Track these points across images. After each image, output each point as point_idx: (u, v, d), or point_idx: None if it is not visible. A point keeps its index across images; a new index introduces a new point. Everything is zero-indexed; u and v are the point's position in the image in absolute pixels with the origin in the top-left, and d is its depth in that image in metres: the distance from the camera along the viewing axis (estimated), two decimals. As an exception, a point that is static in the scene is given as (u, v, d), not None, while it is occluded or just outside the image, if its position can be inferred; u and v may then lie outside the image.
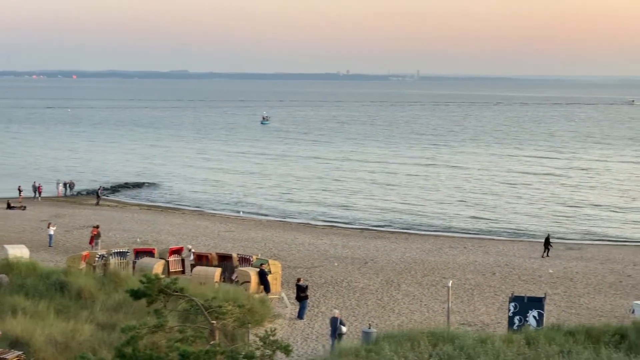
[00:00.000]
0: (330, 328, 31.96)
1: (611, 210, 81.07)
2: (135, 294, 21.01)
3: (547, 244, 56.24)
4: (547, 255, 55.31)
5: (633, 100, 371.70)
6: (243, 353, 19.39)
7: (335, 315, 31.85)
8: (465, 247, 59.19)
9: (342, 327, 31.42)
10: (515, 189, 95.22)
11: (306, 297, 37.45)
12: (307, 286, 38.08)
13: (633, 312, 33.68)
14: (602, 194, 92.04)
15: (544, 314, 31.30)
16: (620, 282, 47.14)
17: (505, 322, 33.13)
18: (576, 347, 21.65)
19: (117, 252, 43.89)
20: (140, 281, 20.93)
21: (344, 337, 30.75)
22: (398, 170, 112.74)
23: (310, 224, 72.58)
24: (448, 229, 70.86)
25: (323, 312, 38.13)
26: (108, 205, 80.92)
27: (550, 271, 49.39)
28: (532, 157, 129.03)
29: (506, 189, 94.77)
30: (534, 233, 68.83)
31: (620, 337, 22.75)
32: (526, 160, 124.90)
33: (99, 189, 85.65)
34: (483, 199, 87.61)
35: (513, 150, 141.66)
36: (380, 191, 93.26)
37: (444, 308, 37.57)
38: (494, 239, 65.62)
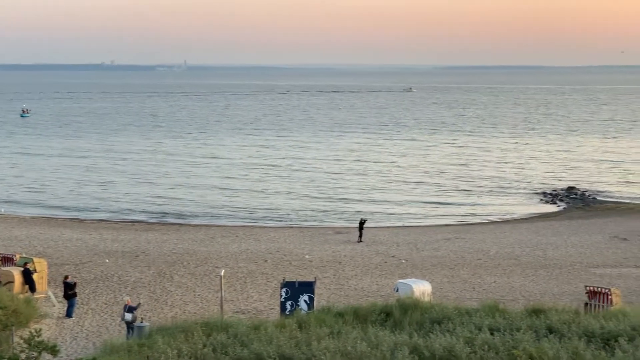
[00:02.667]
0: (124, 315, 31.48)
1: (370, 194, 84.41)
2: None
3: (361, 228, 57.57)
4: (361, 240, 56.60)
5: (411, 88, 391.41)
6: (6, 357, 18.41)
7: (126, 302, 31.30)
8: (237, 236, 59.53)
9: (127, 314, 30.75)
10: (278, 175, 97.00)
11: (75, 295, 36.23)
12: (75, 283, 36.81)
13: (397, 290, 35.21)
14: (363, 179, 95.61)
15: (315, 298, 32.02)
16: (385, 262, 49.17)
17: (277, 308, 33.61)
18: (345, 328, 22.26)
19: None
20: None
21: (138, 325, 29.77)
22: (165, 160, 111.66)
23: (79, 219, 70.28)
24: (218, 218, 71.13)
25: (93, 309, 37.04)
26: None
27: (307, 257, 50.59)
28: (299, 143, 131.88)
29: (271, 177, 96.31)
30: (304, 219, 70.48)
31: (386, 315, 23.64)
32: (289, 147, 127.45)
33: None
34: (251, 186, 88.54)
35: (277, 138, 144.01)
36: (149, 183, 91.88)
37: (217, 297, 37.55)
38: (265, 227, 66.48)
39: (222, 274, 34.50)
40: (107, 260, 48.82)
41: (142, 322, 30.10)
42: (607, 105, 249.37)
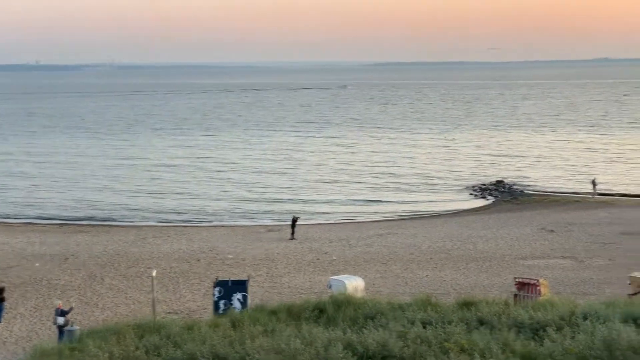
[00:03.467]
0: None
1: (301, 192, 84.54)
2: None
3: (293, 226, 57.44)
4: (294, 238, 56.50)
5: (346, 85, 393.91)
6: None
7: (58, 306, 30.81)
8: (168, 236, 59.03)
9: (59, 318, 30.26)
10: (205, 175, 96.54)
11: (3, 300, 35.52)
12: (3, 288, 36.10)
13: (330, 287, 35.31)
14: (294, 177, 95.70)
15: (248, 296, 31.95)
16: (318, 259, 49.29)
17: (211, 307, 33.44)
18: (279, 325, 22.25)
19: None
20: None
21: (69, 329, 29.25)
22: (92, 162, 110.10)
23: (4, 222, 68.83)
24: (148, 219, 70.43)
25: (22, 314, 36.37)
26: None
27: (230, 256, 50.39)
28: (227, 142, 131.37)
29: (200, 177, 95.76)
30: (236, 218, 70.25)
31: (319, 311, 23.70)
32: (219, 145, 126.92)
33: None
34: (180, 186, 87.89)
35: (204, 138, 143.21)
36: (75, 185, 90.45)
37: (149, 299, 37.19)
38: (197, 226, 66.06)
39: (154, 274, 34.17)
40: (36, 264, 47.96)
41: (72, 325, 29.65)
42: (529, 100, 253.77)
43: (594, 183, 77.81)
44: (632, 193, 79.98)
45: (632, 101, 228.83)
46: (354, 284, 34.98)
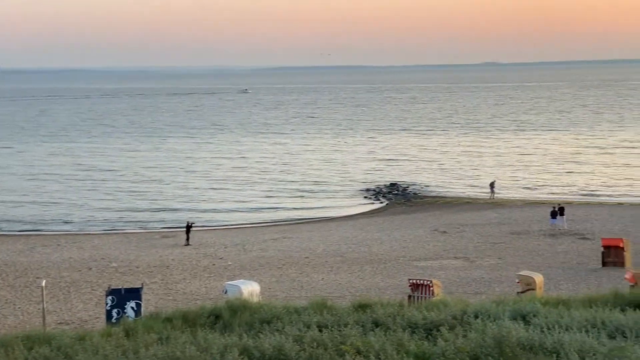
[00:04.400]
0: None
1: (195, 197, 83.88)
2: None
3: (187, 231, 56.61)
4: (188, 243, 55.68)
5: (246, 89, 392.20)
6: None
7: None
8: (59, 245, 57.62)
9: None
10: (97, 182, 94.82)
11: None
12: None
13: (226, 292, 35.08)
14: (187, 182, 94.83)
15: (142, 304, 31.43)
16: (214, 265, 48.93)
17: (103, 317, 32.75)
18: (174, 333, 21.92)
19: None
20: None
21: None
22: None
23: None
24: (37, 226, 68.63)
25: None
26: None
27: (113, 264, 49.41)
28: (118, 148, 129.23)
29: (92, 183, 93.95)
30: (129, 225, 69.13)
31: (215, 317, 23.46)
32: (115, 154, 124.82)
33: None
34: (72, 194, 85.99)
35: (95, 144, 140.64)
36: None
37: (39, 309, 36.18)
38: (88, 234, 64.69)
39: (44, 284, 33.26)
40: None
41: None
42: (421, 103, 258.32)
43: (492, 186, 79.49)
44: (518, 195, 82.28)
45: (517, 104, 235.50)
46: (249, 289, 34.84)
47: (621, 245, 44.67)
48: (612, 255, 44.52)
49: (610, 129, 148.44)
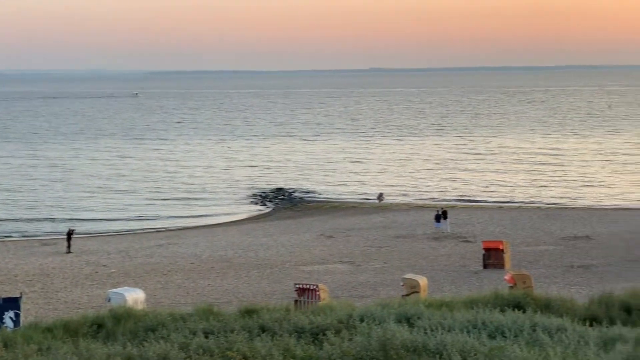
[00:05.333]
0: None
1: (77, 203, 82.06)
2: None
3: (69, 239, 54.97)
4: (70, 251, 54.09)
5: (137, 93, 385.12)
6: None
7: None
8: None
9: None
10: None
11: None
12: None
13: (109, 300, 34.40)
14: (68, 188, 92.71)
15: (21, 314, 30.49)
16: (97, 272, 47.92)
17: (-20, 328, 31.58)
18: (55, 343, 21.35)
19: None
20: None
21: None
22: None
23: None
24: None
25: None
26: None
27: None
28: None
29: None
30: (6, 232, 67.05)
31: (98, 326, 22.97)
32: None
33: None
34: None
35: None
36: None
37: None
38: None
39: None
40: None
41: None
42: (307, 108, 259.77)
43: (380, 197, 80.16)
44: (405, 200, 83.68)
45: (401, 109, 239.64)
46: (134, 296, 34.28)
47: (501, 247, 45.95)
48: (492, 257, 45.75)
49: (489, 134, 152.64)
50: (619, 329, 18.60)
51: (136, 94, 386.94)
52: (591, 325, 19.60)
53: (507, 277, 34.31)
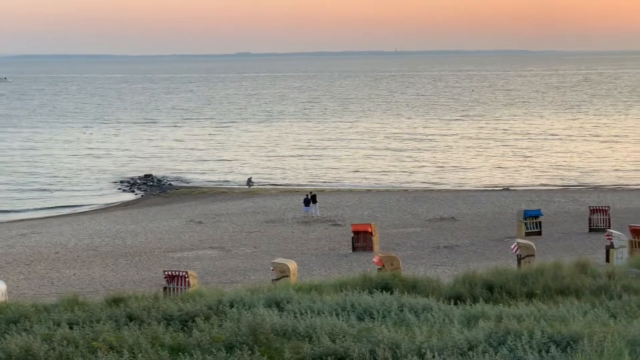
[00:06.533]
0: None
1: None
2: None
3: None
4: None
5: (6, 77, 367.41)
6: None
7: None
8: None
9: None
10: None
11: None
12: None
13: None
14: None
15: None
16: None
17: None
18: None
19: None
20: None
21: None
22: None
23: None
24: None
25: None
26: None
27: None
28: None
29: None
30: None
31: (-45, 321, 22.07)
32: None
33: None
34: None
35: None
36: None
37: None
38: None
39: None
40: None
41: None
42: (174, 93, 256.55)
43: (249, 181, 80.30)
44: (279, 183, 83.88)
45: (269, 94, 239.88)
46: (-5, 288, 33.01)
47: (370, 230, 46.62)
48: (361, 240, 46.38)
49: (356, 118, 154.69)
50: (482, 306, 19.16)
51: (5, 77, 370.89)
52: (456, 303, 20.14)
53: (375, 259, 34.79)
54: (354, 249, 46.41)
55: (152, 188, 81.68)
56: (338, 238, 50.95)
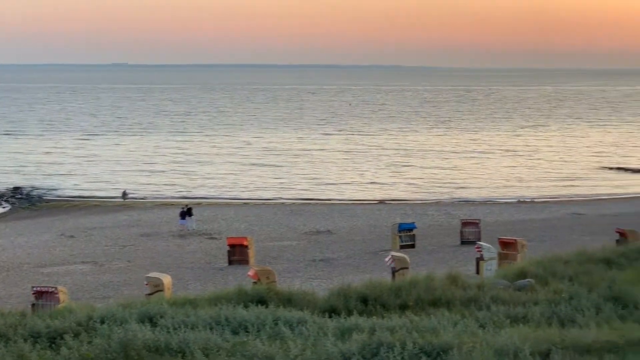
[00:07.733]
0: None
1: None
2: None
3: None
4: None
5: None
6: None
7: None
8: None
9: None
10: None
11: None
12: None
13: None
14: None
15: None
16: None
17: None
18: None
19: None
20: None
21: None
22: None
23: None
24: None
25: None
26: None
27: None
28: None
29: None
30: None
31: None
32: None
33: None
34: None
35: None
36: None
37: None
38: None
39: None
40: None
41: None
42: (42, 104, 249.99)
43: (124, 194, 78.93)
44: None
45: (147, 106, 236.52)
46: None
47: (245, 243, 46.42)
48: (237, 253, 46.12)
49: (232, 131, 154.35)
50: (356, 319, 19.33)
51: None
52: (330, 316, 20.25)
53: (250, 272, 34.62)
54: (230, 262, 46.10)
55: (20, 201, 79.21)
56: (214, 251, 50.53)
